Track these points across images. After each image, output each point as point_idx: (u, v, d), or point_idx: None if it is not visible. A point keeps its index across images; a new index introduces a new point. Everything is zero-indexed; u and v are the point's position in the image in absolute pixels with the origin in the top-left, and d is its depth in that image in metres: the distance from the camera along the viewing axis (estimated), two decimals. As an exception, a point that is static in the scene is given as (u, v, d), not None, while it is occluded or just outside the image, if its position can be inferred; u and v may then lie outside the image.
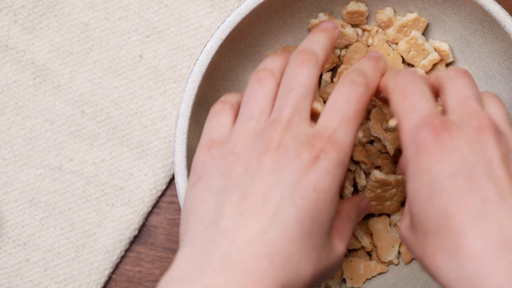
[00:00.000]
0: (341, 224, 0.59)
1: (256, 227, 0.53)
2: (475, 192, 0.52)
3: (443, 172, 0.53)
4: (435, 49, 0.68)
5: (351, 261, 0.67)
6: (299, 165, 0.54)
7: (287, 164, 0.54)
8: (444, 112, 0.57)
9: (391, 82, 0.58)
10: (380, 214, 0.68)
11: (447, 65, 0.69)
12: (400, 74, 0.58)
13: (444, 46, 0.67)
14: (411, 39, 0.67)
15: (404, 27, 0.67)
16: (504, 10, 0.63)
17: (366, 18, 0.68)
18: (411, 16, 0.67)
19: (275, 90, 0.58)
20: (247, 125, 0.56)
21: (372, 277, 0.68)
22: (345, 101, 0.56)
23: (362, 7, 0.67)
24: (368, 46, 0.68)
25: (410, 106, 0.56)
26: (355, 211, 0.61)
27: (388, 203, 0.67)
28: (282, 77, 0.58)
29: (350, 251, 0.68)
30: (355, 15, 0.67)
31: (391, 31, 0.67)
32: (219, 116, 0.59)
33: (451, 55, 0.68)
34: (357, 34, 0.68)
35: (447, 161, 0.53)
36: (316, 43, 0.59)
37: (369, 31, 0.68)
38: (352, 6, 0.67)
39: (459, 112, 0.55)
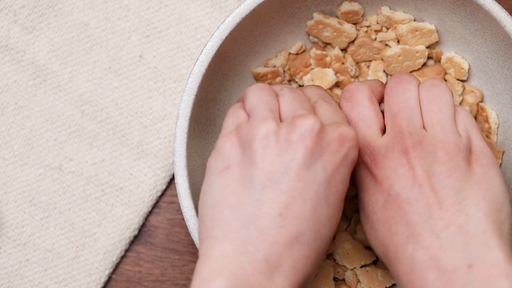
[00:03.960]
0: None
1: (294, 230, 0.55)
2: (402, 218, 0.56)
3: (377, 204, 0.58)
4: (455, 63, 0.68)
5: (367, 270, 0.67)
6: (330, 158, 0.56)
7: (319, 157, 0.56)
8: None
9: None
10: None
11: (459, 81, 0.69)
12: (341, 97, 0.62)
13: (464, 64, 0.67)
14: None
15: (417, 31, 0.67)
16: (504, 10, 0.62)
17: (362, 16, 0.68)
18: (429, 26, 0.67)
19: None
20: (266, 113, 0.57)
21: (392, 285, 0.67)
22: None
23: (355, 6, 0.67)
24: (375, 39, 0.68)
25: None
26: None
27: None
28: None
29: (362, 266, 0.68)
30: (350, 14, 0.67)
31: (404, 28, 0.67)
32: (236, 112, 0.60)
33: (467, 74, 0.68)
34: (357, 29, 0.68)
35: (379, 193, 0.58)
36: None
37: (368, 26, 0.68)
38: (345, 7, 0.67)
39: (390, 132, 0.59)
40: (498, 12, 0.62)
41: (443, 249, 0.55)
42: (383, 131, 0.61)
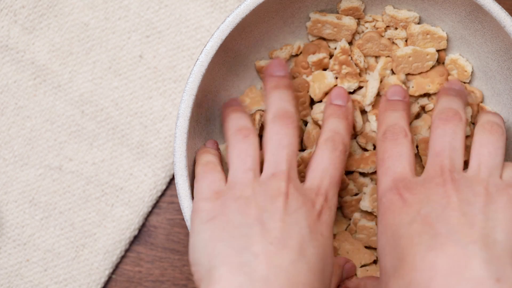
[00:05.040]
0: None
1: (288, 256, 0.56)
2: (427, 231, 0.56)
3: (402, 222, 0.57)
4: (459, 66, 0.68)
5: (367, 270, 0.67)
6: (307, 213, 0.58)
7: (298, 210, 0.58)
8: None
9: (378, 144, 0.63)
10: None
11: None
12: (385, 137, 0.62)
13: (468, 67, 0.67)
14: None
15: (428, 34, 0.67)
16: (504, 10, 0.63)
17: (364, 11, 0.68)
18: (441, 32, 0.67)
19: (259, 145, 0.61)
20: (246, 175, 0.60)
21: None
22: (332, 165, 0.61)
23: (355, 2, 0.67)
24: (382, 36, 0.68)
25: (385, 170, 0.61)
26: (339, 268, 0.65)
27: None
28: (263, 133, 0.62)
29: (362, 266, 0.68)
30: (351, 11, 0.67)
31: (417, 28, 0.67)
32: (208, 176, 0.61)
33: (470, 77, 0.68)
34: (358, 23, 0.68)
35: (406, 213, 0.57)
36: (289, 104, 0.63)
37: (370, 22, 0.68)
38: (345, 4, 0.67)
39: (429, 169, 0.59)
40: (498, 12, 0.62)
41: (468, 258, 0.54)
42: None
